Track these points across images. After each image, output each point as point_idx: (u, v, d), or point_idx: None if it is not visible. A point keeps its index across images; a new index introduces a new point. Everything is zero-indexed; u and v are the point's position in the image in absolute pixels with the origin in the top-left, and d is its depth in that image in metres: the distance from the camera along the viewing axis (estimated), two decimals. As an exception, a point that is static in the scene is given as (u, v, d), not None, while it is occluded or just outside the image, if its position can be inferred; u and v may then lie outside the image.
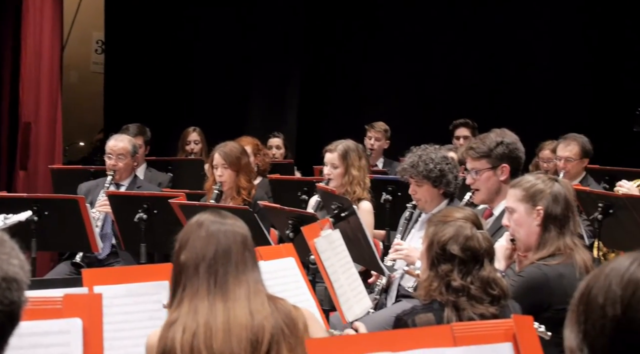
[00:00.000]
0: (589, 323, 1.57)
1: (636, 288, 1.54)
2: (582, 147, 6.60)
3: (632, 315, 1.53)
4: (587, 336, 1.57)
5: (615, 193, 5.71)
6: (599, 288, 1.58)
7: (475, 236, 3.02)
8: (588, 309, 1.58)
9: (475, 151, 4.40)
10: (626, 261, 1.59)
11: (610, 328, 1.54)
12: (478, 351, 2.18)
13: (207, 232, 2.61)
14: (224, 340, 2.49)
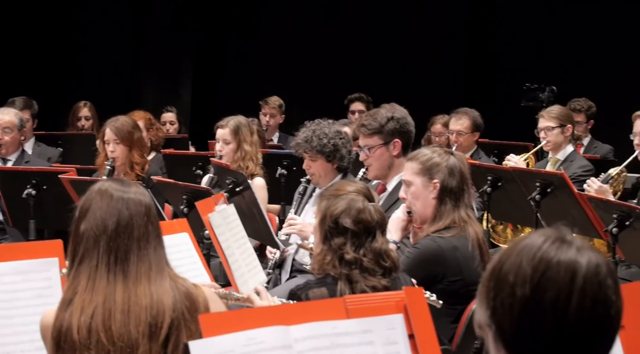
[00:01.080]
0: (497, 300, 1.56)
1: (546, 268, 1.54)
2: (473, 121, 6.75)
3: (540, 296, 1.52)
4: (496, 314, 1.57)
5: (503, 166, 5.88)
6: (510, 265, 1.56)
7: (367, 209, 3.05)
8: (498, 285, 1.57)
9: (366, 128, 4.43)
10: (539, 238, 1.58)
11: (518, 308, 1.54)
12: (370, 323, 2.20)
13: (109, 201, 2.49)
14: (123, 322, 2.40)
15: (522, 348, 1.55)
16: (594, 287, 1.53)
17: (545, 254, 1.54)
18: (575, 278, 1.53)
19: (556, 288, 1.52)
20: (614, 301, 1.55)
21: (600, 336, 1.55)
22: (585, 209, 4.74)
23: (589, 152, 7.66)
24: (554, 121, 6.14)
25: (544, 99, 7.79)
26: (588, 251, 1.56)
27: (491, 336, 1.58)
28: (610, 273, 1.56)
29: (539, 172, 5.42)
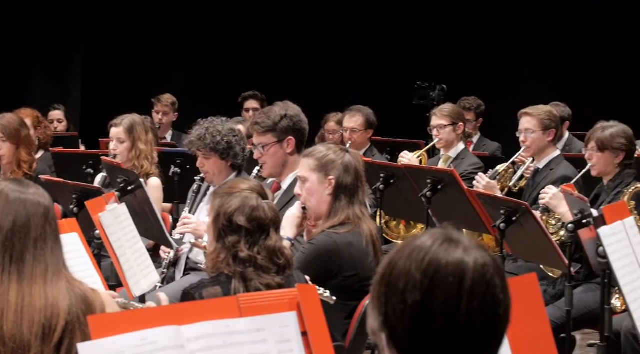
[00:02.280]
0: (389, 306, 1.57)
1: (436, 271, 1.55)
2: (366, 118, 6.82)
3: (430, 301, 1.53)
4: (388, 320, 1.57)
5: (395, 164, 5.96)
6: (399, 271, 1.57)
7: (261, 207, 3.05)
8: (389, 291, 1.57)
9: (260, 126, 4.42)
10: (428, 240, 1.59)
11: (409, 314, 1.55)
12: (263, 321, 2.20)
13: (6, 202, 2.42)
14: (15, 323, 2.34)
15: (415, 352, 1.56)
16: (481, 288, 1.55)
17: (434, 257, 1.56)
18: (464, 280, 1.54)
19: (445, 293, 1.53)
20: (502, 299, 1.58)
21: (490, 335, 1.58)
22: (474, 206, 4.85)
23: (479, 149, 7.84)
24: (446, 119, 6.26)
25: (434, 97, 7.95)
26: (475, 251, 1.58)
27: (384, 342, 1.59)
28: (497, 271, 1.58)
29: (430, 170, 5.52)
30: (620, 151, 4.87)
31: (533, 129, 5.62)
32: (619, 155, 4.88)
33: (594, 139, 4.93)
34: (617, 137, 4.87)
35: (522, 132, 5.67)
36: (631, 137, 4.96)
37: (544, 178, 5.54)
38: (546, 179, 5.52)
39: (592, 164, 4.94)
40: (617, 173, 4.90)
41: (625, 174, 4.90)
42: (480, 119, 8.25)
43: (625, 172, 4.90)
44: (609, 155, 4.87)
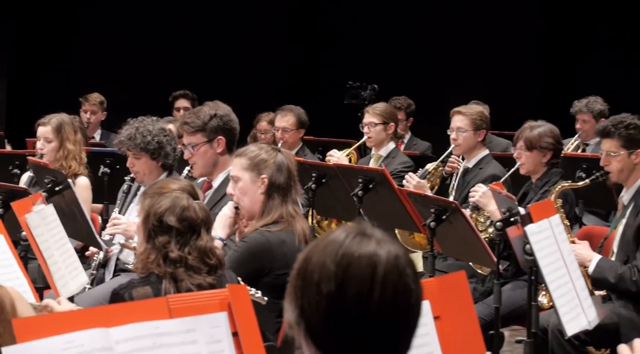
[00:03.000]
0: (305, 298, 1.60)
1: (349, 263, 1.58)
2: (298, 118, 6.82)
3: (344, 293, 1.57)
4: (304, 312, 1.60)
5: (327, 163, 5.97)
6: (314, 264, 1.60)
7: (192, 207, 3.03)
8: (304, 284, 1.60)
9: (190, 126, 4.39)
10: (342, 234, 1.62)
11: (324, 304, 1.58)
12: (193, 322, 2.19)
13: None
14: None
15: (331, 342, 1.59)
16: (394, 277, 1.59)
17: (347, 250, 1.60)
18: (376, 270, 1.58)
19: (359, 282, 1.57)
20: (414, 289, 1.62)
21: (403, 324, 1.61)
22: (405, 204, 4.89)
23: (409, 148, 7.92)
24: (378, 118, 6.30)
25: (366, 97, 7.99)
26: (387, 244, 1.62)
27: (301, 334, 1.62)
28: (408, 262, 1.63)
29: (361, 169, 5.55)
30: (548, 150, 4.97)
31: (465, 128, 5.69)
32: (546, 154, 4.98)
33: (522, 138, 5.02)
34: (545, 137, 4.97)
35: (453, 130, 5.74)
36: (558, 136, 5.07)
37: (473, 177, 5.62)
38: (475, 177, 5.60)
39: (521, 162, 5.03)
40: (544, 172, 5.00)
41: (553, 173, 5.00)
42: (410, 118, 8.34)
43: (553, 171, 5.01)
44: (537, 154, 4.97)
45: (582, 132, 7.50)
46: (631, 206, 4.46)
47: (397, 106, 8.02)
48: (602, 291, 4.51)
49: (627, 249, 4.41)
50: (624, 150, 4.46)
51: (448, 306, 2.48)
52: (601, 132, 4.58)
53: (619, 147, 4.47)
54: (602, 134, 4.57)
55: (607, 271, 4.37)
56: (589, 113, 7.46)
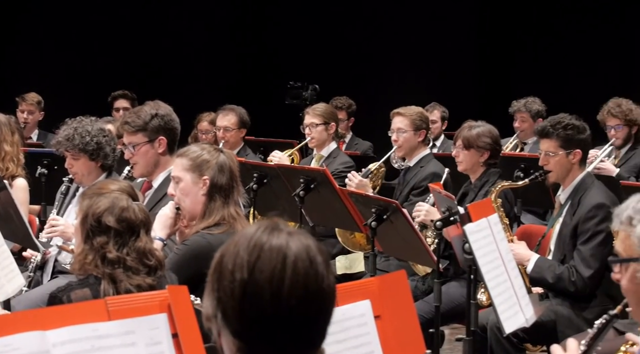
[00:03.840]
0: (221, 289, 1.65)
1: (260, 251, 1.64)
2: (239, 117, 6.80)
3: (256, 277, 1.62)
4: (220, 302, 1.65)
5: (268, 163, 5.97)
6: (229, 255, 1.66)
7: (131, 207, 3.01)
8: (220, 276, 1.66)
9: (130, 125, 4.34)
10: (254, 228, 1.69)
11: (238, 291, 1.63)
12: (132, 324, 2.17)
13: None
14: None
15: (246, 329, 1.63)
16: (305, 263, 1.65)
17: (259, 240, 1.66)
18: (287, 257, 1.64)
19: (270, 268, 1.63)
20: (326, 275, 1.67)
21: (316, 308, 1.65)
22: (346, 204, 4.91)
23: (351, 148, 7.95)
24: (319, 118, 6.31)
25: (307, 97, 8.00)
26: (299, 236, 1.69)
27: (218, 325, 1.66)
28: (320, 252, 1.68)
29: (302, 169, 5.55)
30: (485, 150, 5.04)
31: (405, 128, 5.74)
32: (484, 154, 5.04)
33: (460, 137, 5.09)
34: (483, 137, 5.04)
35: (394, 131, 5.78)
36: (496, 137, 5.13)
37: (413, 176, 5.67)
38: (416, 176, 5.65)
39: (459, 161, 5.11)
40: (483, 172, 5.06)
41: (491, 173, 5.07)
42: (351, 118, 8.38)
43: (491, 171, 5.07)
44: (474, 153, 5.04)
45: (521, 132, 7.62)
46: (568, 205, 4.54)
47: (338, 106, 8.05)
48: (540, 288, 4.58)
49: (564, 248, 4.48)
50: (562, 150, 4.53)
51: (388, 305, 2.50)
52: (540, 132, 4.65)
53: (557, 148, 4.54)
54: (540, 134, 4.64)
55: (545, 271, 4.44)
56: (527, 113, 7.59)
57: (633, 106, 6.75)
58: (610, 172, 6.43)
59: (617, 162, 6.76)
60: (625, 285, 2.18)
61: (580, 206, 4.45)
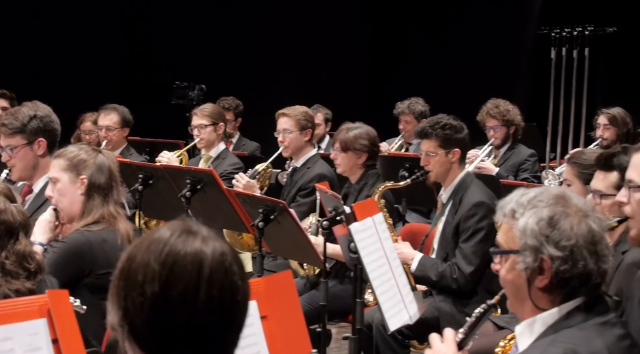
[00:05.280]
0: (129, 299, 1.57)
1: (174, 262, 1.56)
2: (122, 116, 6.69)
3: (169, 292, 1.55)
4: (127, 313, 1.57)
5: (154, 164, 5.88)
6: (138, 263, 1.58)
7: (9, 210, 2.93)
8: (128, 285, 1.58)
9: (8, 127, 4.22)
10: (167, 232, 1.60)
11: (148, 305, 1.55)
12: (10, 330, 2.10)
13: None
14: None
15: (156, 344, 1.57)
16: (220, 275, 1.58)
17: (172, 248, 1.58)
18: (202, 268, 1.57)
19: (184, 282, 1.56)
20: (241, 286, 1.61)
21: (230, 321, 1.61)
22: (233, 205, 4.89)
23: (238, 149, 7.93)
24: (207, 119, 6.27)
25: (193, 97, 7.93)
26: (213, 241, 1.62)
27: (125, 336, 1.59)
28: (235, 259, 1.62)
29: (189, 170, 5.50)
30: (363, 152, 5.09)
31: (290, 129, 5.76)
32: (361, 156, 5.09)
33: (338, 139, 5.13)
34: (360, 139, 5.08)
35: (279, 132, 5.80)
36: (374, 138, 5.18)
37: (301, 177, 5.70)
38: (303, 177, 5.68)
39: (337, 163, 5.16)
40: (362, 174, 5.11)
41: (370, 175, 5.12)
42: (239, 118, 8.36)
43: (370, 172, 5.12)
44: (352, 155, 5.09)
45: (405, 133, 7.75)
46: (450, 204, 4.64)
47: (225, 106, 8.02)
48: (424, 286, 4.67)
49: (447, 246, 4.59)
50: (441, 150, 4.63)
51: (275, 305, 2.50)
52: (420, 133, 4.75)
53: (436, 147, 4.64)
54: (420, 135, 4.73)
55: (428, 269, 4.53)
56: (410, 114, 7.72)
57: (510, 106, 6.96)
58: (491, 171, 6.61)
59: (497, 161, 6.96)
60: (503, 276, 2.24)
61: (461, 204, 4.56)
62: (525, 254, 2.16)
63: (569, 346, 2.07)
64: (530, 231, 2.15)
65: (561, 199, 2.19)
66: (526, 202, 2.19)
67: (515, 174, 6.86)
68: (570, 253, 2.13)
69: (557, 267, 2.13)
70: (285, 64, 10.38)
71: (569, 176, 3.99)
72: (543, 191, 2.23)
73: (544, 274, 2.16)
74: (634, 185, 2.66)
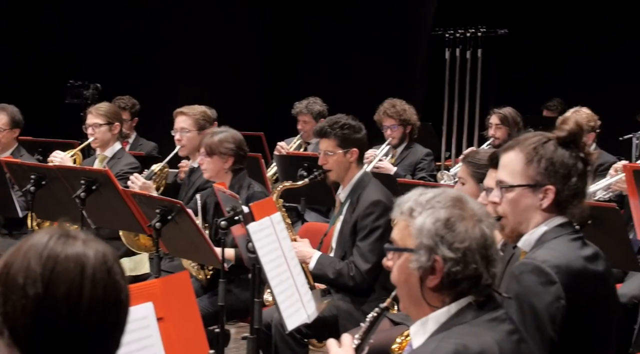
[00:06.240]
0: (8, 304, 1.55)
1: (55, 263, 1.56)
2: (11, 117, 6.49)
3: (52, 292, 1.54)
4: (7, 318, 1.55)
5: (46, 164, 5.75)
6: (18, 268, 1.56)
7: None
8: (7, 290, 1.55)
9: None
10: (44, 237, 1.60)
11: (31, 307, 1.53)
12: None
13: None
14: None
15: (39, 346, 1.55)
16: (103, 275, 1.59)
17: (52, 251, 1.57)
18: (85, 268, 1.57)
19: (68, 282, 1.55)
20: (123, 285, 1.63)
21: (114, 321, 1.61)
22: (129, 205, 4.82)
23: (135, 149, 7.81)
24: (102, 118, 6.16)
25: (88, 96, 7.79)
26: (94, 243, 1.62)
27: (5, 342, 1.56)
28: (115, 260, 1.63)
29: (83, 170, 5.40)
30: (229, 156, 5.03)
31: (188, 128, 5.71)
32: (228, 160, 5.03)
33: (202, 144, 5.06)
34: (225, 142, 5.01)
35: (177, 131, 5.74)
36: (239, 141, 5.07)
37: (198, 177, 5.65)
38: (201, 177, 5.63)
39: (203, 169, 5.09)
40: (231, 178, 5.05)
41: (240, 177, 5.07)
42: (135, 118, 8.24)
43: (239, 176, 5.07)
44: (218, 160, 5.01)
45: (304, 133, 7.77)
46: (348, 203, 4.69)
47: (122, 105, 7.89)
48: (323, 285, 4.70)
49: (344, 245, 4.63)
50: (339, 149, 4.67)
51: (171, 306, 2.47)
52: (318, 132, 4.77)
53: (335, 147, 4.67)
54: (319, 135, 4.75)
55: (326, 267, 4.56)
56: (309, 114, 7.74)
57: (407, 106, 7.07)
58: (388, 170, 6.70)
59: (394, 161, 7.05)
60: (395, 274, 2.26)
61: (359, 203, 4.61)
62: (420, 253, 2.19)
63: (460, 341, 2.11)
64: (426, 230, 2.18)
65: (458, 202, 2.22)
66: (424, 202, 2.22)
67: (412, 173, 6.97)
68: (462, 256, 2.16)
69: (449, 268, 2.17)
70: (183, 62, 10.28)
71: (463, 175, 4.08)
72: (441, 192, 2.27)
73: (435, 274, 2.19)
74: (504, 185, 2.74)
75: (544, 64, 10.77)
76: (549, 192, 2.68)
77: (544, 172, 2.69)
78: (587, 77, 10.23)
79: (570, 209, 2.70)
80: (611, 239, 4.37)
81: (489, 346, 2.12)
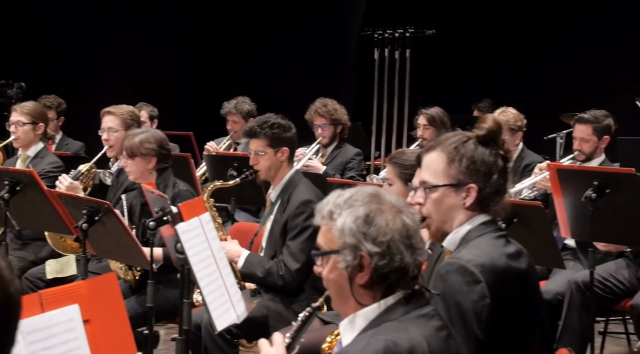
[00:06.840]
0: None
1: None
2: None
3: None
4: None
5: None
6: None
7: None
8: None
9: None
10: None
11: None
12: None
13: None
14: None
15: None
16: None
17: None
18: None
19: None
20: (12, 279, 1.59)
21: (6, 316, 1.58)
22: (55, 206, 4.74)
23: (61, 149, 7.70)
24: (27, 117, 6.05)
25: (12, 95, 7.65)
26: None
27: None
28: (2, 256, 1.60)
29: (7, 170, 5.29)
30: (151, 156, 4.98)
31: (116, 128, 5.65)
32: (151, 160, 4.98)
33: (124, 147, 4.99)
34: (146, 143, 4.95)
35: (104, 130, 5.68)
36: (161, 140, 5.01)
37: (127, 178, 5.58)
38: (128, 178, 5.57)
39: (127, 171, 5.03)
40: (157, 178, 5.00)
41: (165, 176, 5.02)
42: (61, 117, 8.11)
43: (164, 175, 5.02)
44: (140, 161, 4.95)
45: (234, 133, 7.74)
46: (278, 203, 4.68)
47: (47, 104, 7.76)
48: (253, 285, 4.69)
49: (275, 245, 4.62)
50: (270, 149, 4.66)
51: (98, 308, 2.44)
52: (248, 132, 4.75)
53: (265, 147, 4.66)
54: (249, 135, 4.74)
55: (255, 266, 4.55)
56: (238, 114, 7.70)
57: (338, 105, 7.11)
58: (318, 169, 6.72)
59: (324, 160, 7.08)
60: (326, 277, 2.28)
61: (289, 203, 4.61)
62: (345, 253, 2.21)
63: (390, 338, 2.13)
64: (348, 229, 2.20)
65: (375, 197, 2.25)
66: (342, 203, 2.24)
67: (342, 172, 7.01)
68: (387, 248, 2.19)
69: (376, 262, 2.19)
70: (110, 60, 10.16)
71: (390, 176, 4.11)
72: (358, 190, 2.29)
73: (364, 270, 2.21)
74: (427, 186, 2.77)
75: (471, 65, 10.93)
76: (472, 191, 2.72)
77: (466, 171, 2.72)
78: (513, 77, 10.42)
79: (492, 207, 2.74)
80: (536, 237, 4.46)
81: (418, 342, 2.15)
